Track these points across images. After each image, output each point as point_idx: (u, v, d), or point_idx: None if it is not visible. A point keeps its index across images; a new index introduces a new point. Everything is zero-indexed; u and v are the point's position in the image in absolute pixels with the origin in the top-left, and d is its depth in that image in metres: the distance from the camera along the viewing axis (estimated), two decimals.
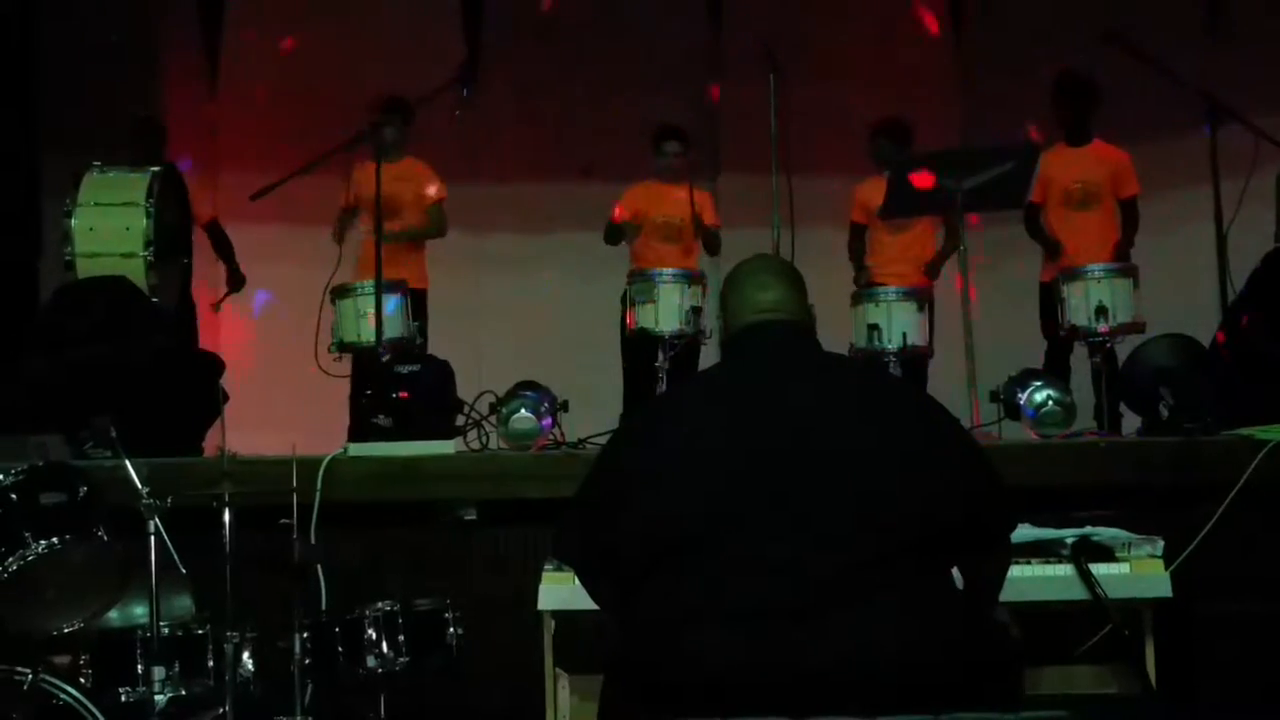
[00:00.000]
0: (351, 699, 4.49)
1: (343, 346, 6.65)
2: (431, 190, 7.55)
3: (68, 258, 6.00)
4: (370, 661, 4.37)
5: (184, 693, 4.18)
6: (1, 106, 7.86)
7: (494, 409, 5.96)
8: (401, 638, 4.38)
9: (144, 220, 5.99)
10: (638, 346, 6.95)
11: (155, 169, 6.18)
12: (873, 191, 7.43)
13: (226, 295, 7.89)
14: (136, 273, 5.96)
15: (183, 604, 4.48)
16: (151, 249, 5.98)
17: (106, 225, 6.00)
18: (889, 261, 7.50)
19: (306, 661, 4.32)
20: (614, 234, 7.68)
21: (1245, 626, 4.76)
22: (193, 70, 9.17)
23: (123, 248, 5.97)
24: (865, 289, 7.19)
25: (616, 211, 7.66)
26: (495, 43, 9.30)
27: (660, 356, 6.67)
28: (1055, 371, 6.68)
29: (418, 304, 7.16)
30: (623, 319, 7.01)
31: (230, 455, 4.36)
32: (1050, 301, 6.91)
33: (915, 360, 6.85)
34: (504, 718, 4.83)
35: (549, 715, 4.17)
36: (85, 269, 5.99)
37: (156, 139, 7.42)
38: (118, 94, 8.18)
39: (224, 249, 7.72)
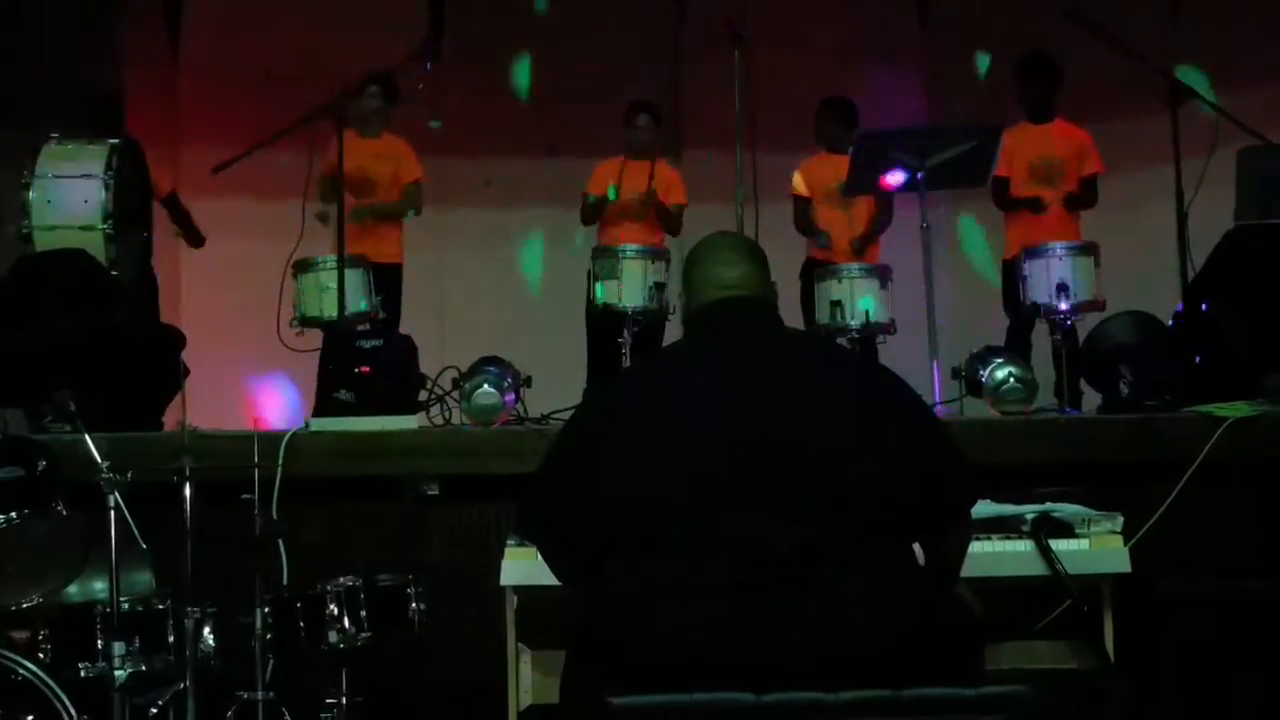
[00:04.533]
0: (313, 674, 4.48)
1: (304, 321, 6.61)
2: (410, 170, 7.36)
3: (25, 231, 5.93)
4: (332, 637, 4.36)
5: (144, 668, 4.16)
6: None
7: (457, 384, 5.95)
8: (363, 613, 4.38)
9: (103, 193, 5.92)
10: (602, 322, 6.92)
11: (114, 141, 6.11)
12: (818, 168, 7.46)
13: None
14: (95, 246, 5.90)
15: (143, 579, 4.46)
16: (110, 222, 5.92)
17: (64, 198, 5.94)
18: (838, 237, 7.50)
19: (268, 637, 4.33)
20: (591, 212, 7.48)
21: (1203, 602, 4.79)
22: (154, 42, 9.07)
23: (81, 220, 5.91)
24: (822, 263, 7.18)
25: (590, 188, 7.50)
26: (459, 16, 9.24)
27: (624, 333, 6.65)
28: (1016, 349, 6.73)
29: (393, 279, 7.12)
30: (588, 294, 6.98)
31: (191, 430, 4.34)
32: (1012, 279, 6.93)
33: (877, 337, 6.87)
34: (466, 693, 4.83)
35: (511, 691, 4.16)
36: (43, 242, 5.92)
37: (113, 113, 7.32)
38: (77, 65, 8.07)
39: (181, 220, 7.62)
